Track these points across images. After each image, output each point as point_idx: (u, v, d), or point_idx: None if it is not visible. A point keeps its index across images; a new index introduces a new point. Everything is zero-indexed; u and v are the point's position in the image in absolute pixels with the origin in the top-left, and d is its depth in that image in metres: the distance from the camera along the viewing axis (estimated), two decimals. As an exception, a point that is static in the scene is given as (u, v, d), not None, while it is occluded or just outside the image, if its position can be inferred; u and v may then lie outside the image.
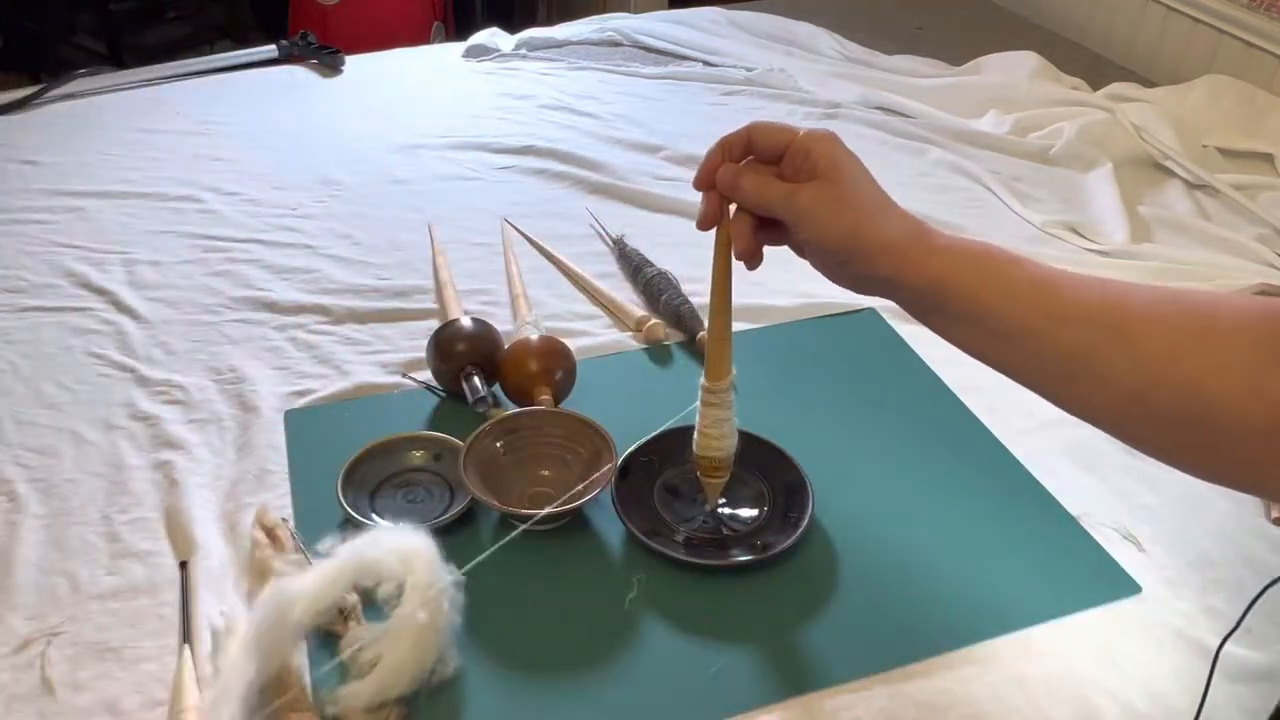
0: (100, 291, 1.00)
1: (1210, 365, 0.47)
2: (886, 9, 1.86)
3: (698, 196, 0.61)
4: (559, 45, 1.64)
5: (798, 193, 0.57)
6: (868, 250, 0.56)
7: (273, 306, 0.99)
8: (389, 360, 0.92)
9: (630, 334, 0.97)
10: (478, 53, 1.60)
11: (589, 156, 1.28)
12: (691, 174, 0.61)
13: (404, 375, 0.90)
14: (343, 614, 0.66)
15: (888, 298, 0.58)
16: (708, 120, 1.40)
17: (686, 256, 1.05)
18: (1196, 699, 0.64)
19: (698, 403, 0.69)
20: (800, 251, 0.61)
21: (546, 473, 0.77)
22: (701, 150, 0.60)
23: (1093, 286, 0.53)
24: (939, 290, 0.55)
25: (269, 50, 1.57)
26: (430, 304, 1.00)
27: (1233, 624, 0.68)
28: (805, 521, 0.74)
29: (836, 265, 0.58)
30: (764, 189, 0.58)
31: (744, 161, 0.60)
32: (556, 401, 0.83)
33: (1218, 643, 0.68)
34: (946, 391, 0.90)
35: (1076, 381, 0.52)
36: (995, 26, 1.81)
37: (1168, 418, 0.48)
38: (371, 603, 0.65)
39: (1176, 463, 0.50)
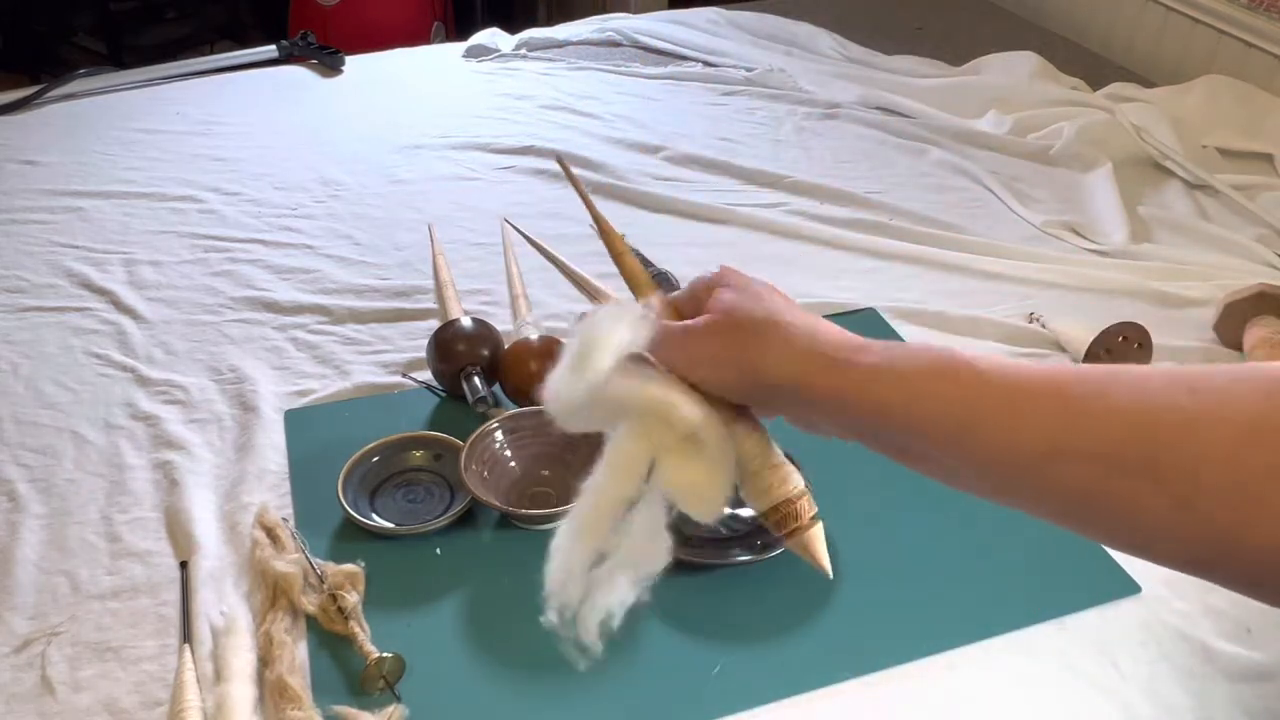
0: (100, 291, 1.00)
1: None
2: (886, 9, 1.86)
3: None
4: (559, 45, 1.64)
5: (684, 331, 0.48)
6: (763, 381, 0.46)
7: (273, 306, 0.99)
8: (389, 360, 0.92)
9: (630, 334, 0.97)
10: (478, 53, 1.60)
11: (589, 156, 1.27)
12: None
13: (404, 375, 0.90)
14: (343, 613, 0.66)
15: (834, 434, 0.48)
16: (708, 120, 1.40)
17: (686, 256, 1.05)
18: (1196, 699, 0.64)
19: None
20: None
21: (546, 473, 0.77)
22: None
23: (1101, 395, 0.38)
24: (881, 417, 0.43)
25: (269, 50, 1.57)
26: (430, 304, 1.00)
27: (1232, 624, 0.68)
28: (805, 521, 0.73)
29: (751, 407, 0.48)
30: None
31: None
32: (556, 401, 0.83)
33: (1218, 643, 0.68)
34: (946, 391, 0.90)
35: (1111, 525, 0.38)
36: (995, 26, 1.81)
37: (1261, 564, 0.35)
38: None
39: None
